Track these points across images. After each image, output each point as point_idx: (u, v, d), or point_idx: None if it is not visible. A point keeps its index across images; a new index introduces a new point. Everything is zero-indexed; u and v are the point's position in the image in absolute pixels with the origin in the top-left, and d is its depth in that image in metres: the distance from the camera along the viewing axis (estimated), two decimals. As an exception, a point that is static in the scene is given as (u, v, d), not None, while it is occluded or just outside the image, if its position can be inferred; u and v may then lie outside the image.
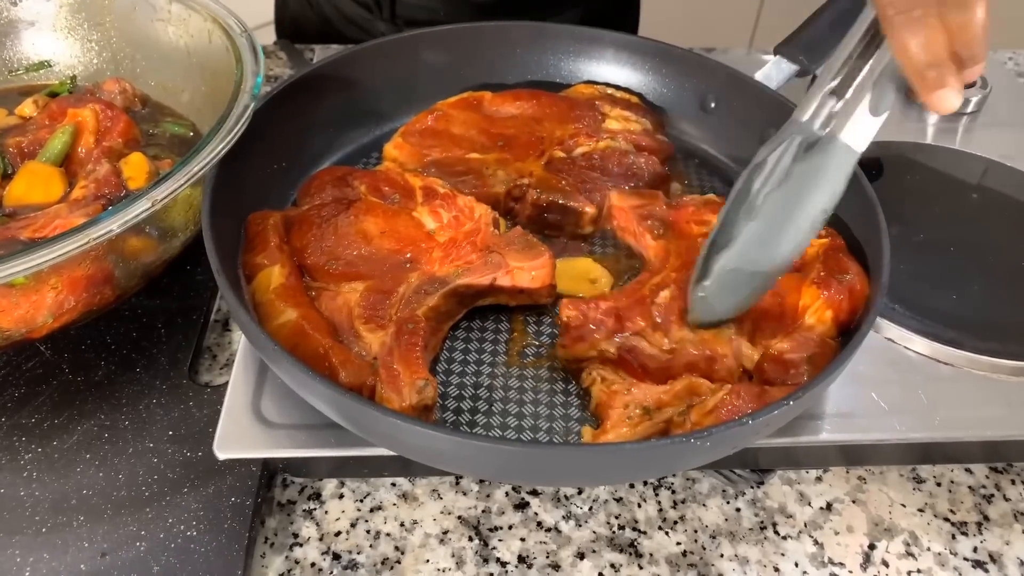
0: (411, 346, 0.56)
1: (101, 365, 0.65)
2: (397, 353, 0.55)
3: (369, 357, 0.56)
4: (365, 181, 0.69)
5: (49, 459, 0.59)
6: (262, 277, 0.60)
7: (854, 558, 0.57)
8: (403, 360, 0.55)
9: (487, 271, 0.62)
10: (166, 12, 0.77)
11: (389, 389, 0.53)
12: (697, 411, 0.53)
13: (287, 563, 0.56)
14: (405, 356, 0.55)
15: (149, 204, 0.54)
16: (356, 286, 0.61)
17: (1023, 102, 0.94)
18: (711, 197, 0.69)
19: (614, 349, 0.58)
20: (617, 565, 0.57)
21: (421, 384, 0.53)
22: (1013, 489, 0.62)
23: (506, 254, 0.63)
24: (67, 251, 0.51)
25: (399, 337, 0.57)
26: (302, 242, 0.64)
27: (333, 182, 0.69)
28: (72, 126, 0.72)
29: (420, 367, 0.55)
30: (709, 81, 0.80)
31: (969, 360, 0.62)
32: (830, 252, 0.61)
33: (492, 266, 0.62)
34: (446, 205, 0.67)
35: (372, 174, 0.70)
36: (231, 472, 0.58)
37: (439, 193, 0.68)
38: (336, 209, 0.66)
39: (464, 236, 0.64)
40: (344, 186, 0.69)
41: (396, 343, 0.56)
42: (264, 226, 0.63)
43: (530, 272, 0.62)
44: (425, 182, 0.69)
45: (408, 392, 0.53)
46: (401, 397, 0.53)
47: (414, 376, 0.54)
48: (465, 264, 0.62)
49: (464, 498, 0.60)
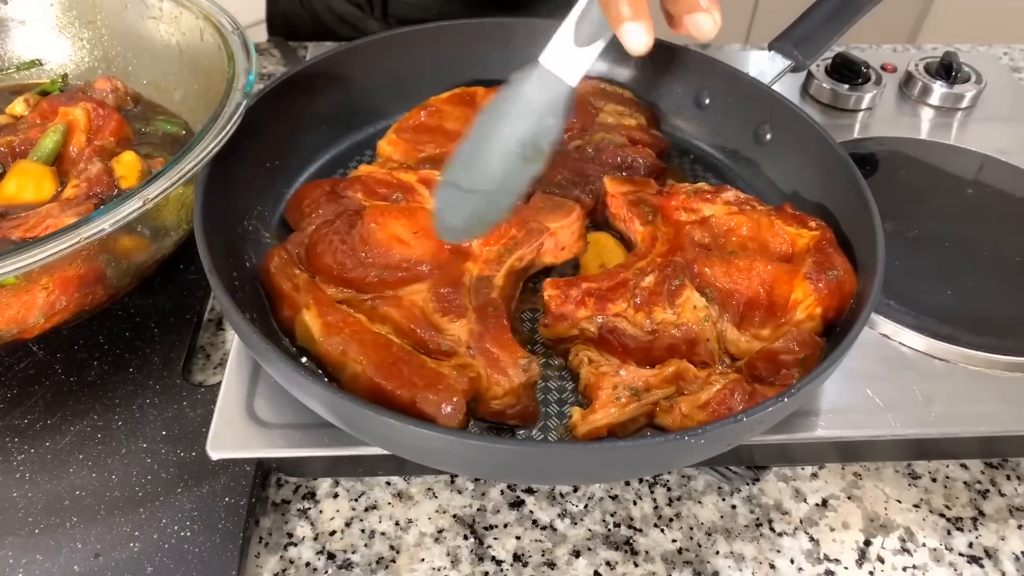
0: (500, 328, 0.57)
1: (94, 365, 0.65)
2: (489, 337, 0.56)
3: (459, 346, 0.57)
4: (358, 188, 0.68)
5: (42, 460, 0.59)
6: (300, 330, 0.58)
7: (850, 554, 0.57)
8: (497, 342, 0.56)
9: (533, 239, 0.63)
10: (157, 10, 0.77)
11: (495, 372, 0.54)
12: (688, 403, 0.53)
13: (282, 563, 0.56)
14: (498, 338, 0.56)
15: (140, 203, 0.54)
16: (417, 287, 0.61)
17: (1018, 97, 0.94)
18: (702, 185, 0.69)
19: (595, 329, 0.59)
20: (613, 563, 0.56)
21: (525, 362, 0.55)
22: (1008, 484, 0.62)
23: (542, 219, 0.64)
24: (58, 251, 0.51)
25: (485, 321, 0.57)
26: (335, 261, 0.62)
27: (326, 197, 0.67)
28: (63, 125, 0.71)
29: (516, 346, 0.56)
30: (703, 77, 0.79)
31: (964, 356, 0.62)
32: (820, 245, 0.61)
33: (536, 233, 0.63)
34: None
35: (358, 180, 0.68)
36: (225, 472, 0.58)
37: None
38: (349, 221, 0.64)
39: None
40: (339, 198, 0.67)
41: (485, 328, 0.57)
42: (269, 275, 0.61)
43: (568, 229, 0.64)
44: (420, 175, 0.69)
45: (515, 372, 0.54)
46: (509, 378, 0.54)
47: (515, 356, 0.55)
48: (510, 240, 0.63)
49: (459, 497, 0.60)
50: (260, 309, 0.61)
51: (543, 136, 0.54)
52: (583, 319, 0.59)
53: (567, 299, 0.60)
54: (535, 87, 0.53)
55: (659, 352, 0.58)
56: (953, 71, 0.91)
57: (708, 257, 0.63)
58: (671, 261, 0.61)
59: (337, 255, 0.62)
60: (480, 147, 0.55)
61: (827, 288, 0.58)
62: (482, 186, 0.55)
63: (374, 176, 0.69)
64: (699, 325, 0.58)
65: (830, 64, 0.91)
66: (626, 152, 0.73)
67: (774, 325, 0.59)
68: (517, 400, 0.54)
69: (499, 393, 0.54)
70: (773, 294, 0.60)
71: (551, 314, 0.60)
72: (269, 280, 0.61)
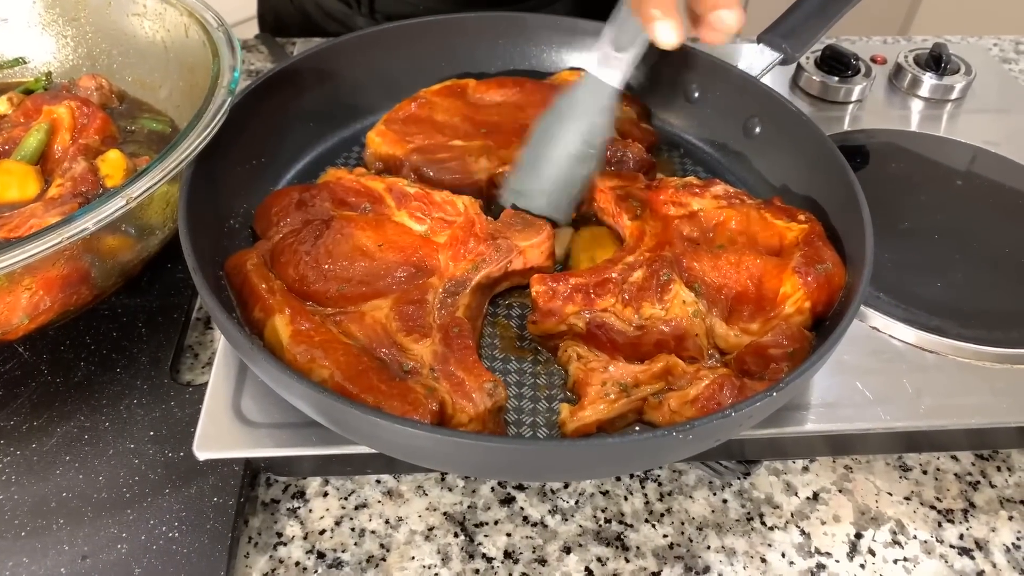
0: (466, 349, 0.55)
1: (81, 366, 0.64)
2: (454, 360, 0.54)
3: (423, 368, 0.55)
4: (326, 196, 0.66)
5: (28, 462, 0.58)
6: (269, 334, 0.57)
7: (841, 547, 0.57)
8: (462, 365, 0.54)
9: (501, 258, 0.62)
10: (141, 6, 0.76)
11: (459, 398, 0.52)
12: (677, 399, 0.53)
13: (271, 562, 0.55)
14: (463, 361, 0.54)
15: (124, 202, 0.53)
16: (379, 303, 0.59)
17: (1007, 88, 0.94)
18: (691, 179, 0.69)
19: (583, 324, 0.59)
20: (604, 559, 0.56)
21: (490, 386, 0.53)
22: (999, 476, 0.62)
23: (511, 237, 0.63)
24: (40, 251, 0.50)
25: (450, 343, 0.56)
26: (298, 272, 0.61)
27: (296, 205, 0.65)
28: (48, 123, 0.71)
29: (481, 369, 0.54)
30: (692, 71, 0.79)
31: (954, 348, 0.62)
32: (809, 238, 0.61)
33: (504, 251, 0.62)
34: (424, 206, 0.65)
35: (326, 187, 0.67)
36: (213, 472, 0.57)
37: (411, 194, 0.66)
38: (316, 231, 0.63)
39: (462, 231, 0.63)
40: (308, 206, 0.65)
41: (449, 350, 0.55)
42: (245, 274, 0.60)
43: (538, 248, 0.63)
44: (386, 183, 0.67)
45: (480, 397, 0.52)
46: (474, 404, 0.52)
47: (480, 380, 0.53)
48: (478, 257, 0.62)
49: (449, 494, 0.59)
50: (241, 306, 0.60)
51: (594, 135, 0.62)
52: (571, 315, 0.59)
53: (555, 295, 0.59)
54: (584, 93, 0.61)
55: (647, 347, 0.58)
56: (942, 63, 0.90)
57: (697, 251, 0.62)
58: (659, 256, 0.61)
59: (300, 266, 0.61)
60: (539, 151, 0.63)
61: (816, 282, 0.58)
62: (545, 186, 0.63)
63: (342, 183, 0.68)
64: (688, 320, 0.58)
65: (819, 56, 0.91)
66: (616, 146, 0.73)
67: (763, 319, 0.59)
68: (483, 426, 0.53)
69: (464, 420, 0.52)
70: (762, 288, 0.60)
71: (539, 310, 0.60)
72: (244, 279, 0.60)
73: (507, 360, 0.60)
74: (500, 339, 0.62)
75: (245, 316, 0.59)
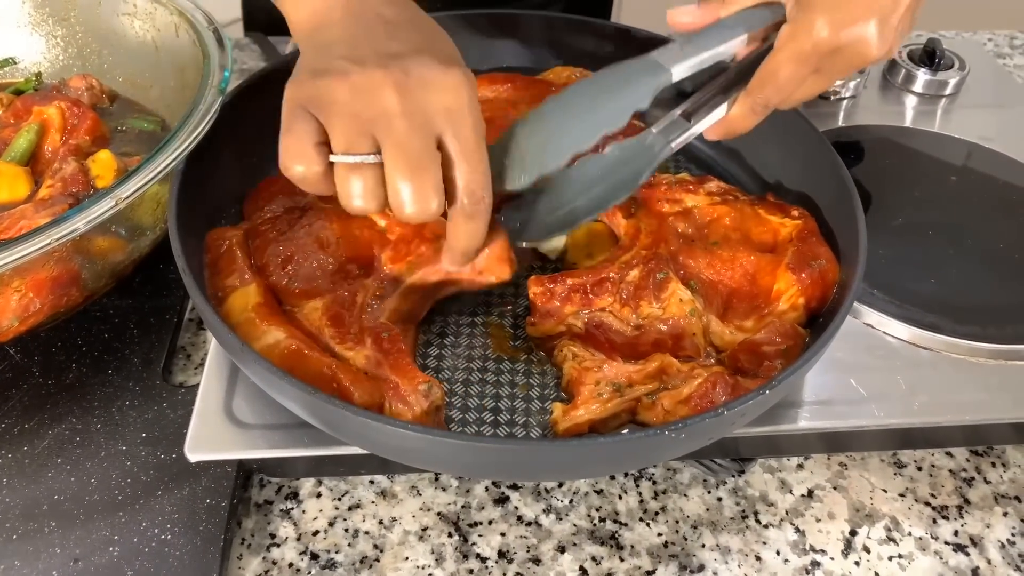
0: (398, 353, 0.54)
1: (72, 367, 0.64)
2: (387, 365, 0.54)
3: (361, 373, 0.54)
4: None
5: (19, 464, 0.58)
6: (236, 298, 0.56)
7: (836, 544, 0.57)
8: (395, 369, 0.53)
9: (438, 261, 0.58)
10: (131, 6, 0.76)
11: (396, 402, 0.52)
12: (670, 399, 0.53)
13: (264, 564, 0.55)
14: (395, 365, 0.54)
15: (113, 203, 0.53)
16: (316, 304, 0.58)
17: (1002, 83, 0.94)
18: (684, 176, 0.68)
19: (581, 324, 0.58)
20: (598, 558, 0.56)
21: (425, 388, 0.52)
22: (994, 472, 0.62)
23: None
24: (30, 252, 0.50)
25: (381, 347, 0.55)
26: (261, 261, 0.60)
27: (283, 190, 0.64)
28: (37, 124, 0.71)
29: (415, 371, 0.54)
30: (686, 67, 0.79)
31: (948, 344, 0.62)
32: (803, 235, 0.61)
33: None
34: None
35: None
36: (206, 473, 0.57)
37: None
38: (290, 220, 0.62)
39: (410, 230, 0.61)
40: (295, 192, 0.64)
41: (382, 355, 0.54)
42: (229, 245, 0.59)
43: (487, 252, 0.57)
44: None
45: (415, 399, 0.52)
46: (410, 407, 0.52)
47: (414, 382, 0.53)
48: (416, 258, 0.59)
49: (443, 494, 0.59)
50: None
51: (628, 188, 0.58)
52: (569, 315, 0.59)
53: (553, 296, 0.59)
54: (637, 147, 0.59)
55: (645, 347, 0.58)
56: (937, 58, 0.90)
57: (692, 249, 0.62)
58: (655, 254, 0.61)
59: (264, 255, 0.60)
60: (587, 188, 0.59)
61: (810, 278, 0.58)
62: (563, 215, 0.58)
63: None
64: (685, 319, 0.58)
65: (813, 52, 0.91)
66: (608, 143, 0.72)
67: (757, 316, 0.59)
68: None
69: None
70: (756, 285, 0.60)
71: (538, 312, 0.59)
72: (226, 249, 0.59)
73: (500, 360, 0.60)
74: (492, 339, 0.62)
75: (214, 282, 0.58)
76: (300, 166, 0.47)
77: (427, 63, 0.47)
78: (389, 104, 0.45)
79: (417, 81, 0.46)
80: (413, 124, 0.46)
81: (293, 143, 0.47)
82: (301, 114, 0.47)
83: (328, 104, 0.46)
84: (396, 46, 0.48)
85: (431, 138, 0.46)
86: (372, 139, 0.46)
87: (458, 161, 0.47)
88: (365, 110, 0.46)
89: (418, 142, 0.46)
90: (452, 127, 0.47)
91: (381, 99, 0.45)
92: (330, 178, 0.48)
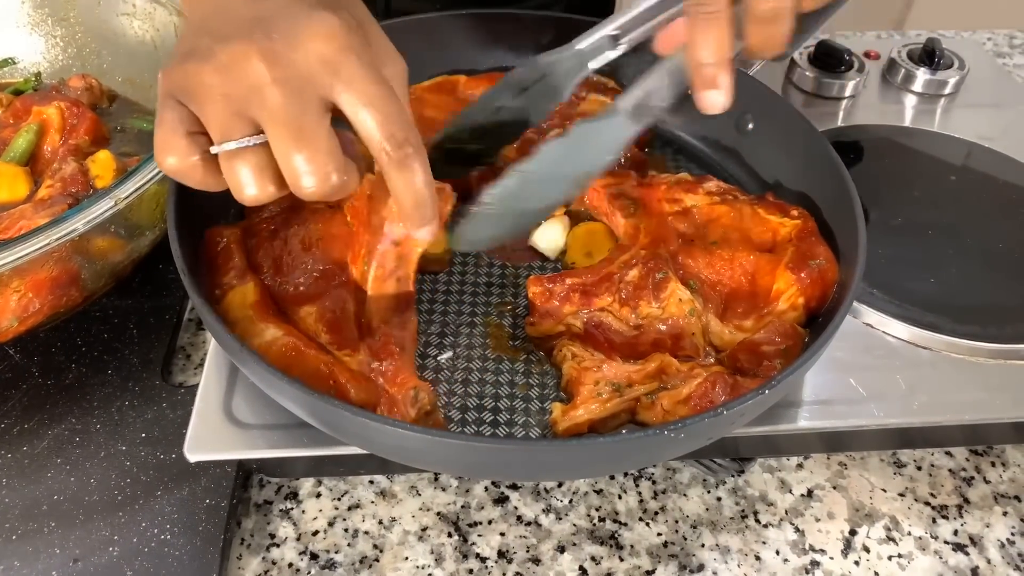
0: (389, 357, 0.54)
1: (72, 368, 0.64)
2: (379, 372, 0.54)
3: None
4: None
5: (19, 464, 0.58)
6: (234, 295, 0.56)
7: (835, 544, 0.57)
8: (385, 377, 0.53)
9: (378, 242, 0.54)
10: (131, 6, 0.76)
11: (387, 410, 0.52)
12: (670, 399, 0.53)
13: (264, 564, 0.55)
14: (386, 372, 0.53)
15: (112, 203, 0.53)
16: (309, 310, 0.57)
17: (1001, 83, 0.94)
18: (684, 175, 0.68)
19: (581, 324, 0.58)
20: (598, 558, 0.56)
21: (412, 394, 0.52)
22: (993, 471, 0.62)
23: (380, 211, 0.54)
24: (29, 252, 0.50)
25: (373, 355, 0.55)
26: (255, 261, 0.59)
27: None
28: (37, 124, 0.71)
29: (406, 376, 0.53)
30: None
31: (948, 344, 0.62)
32: (802, 235, 0.61)
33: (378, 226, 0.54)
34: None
35: None
36: (205, 473, 0.57)
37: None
38: (285, 219, 0.61)
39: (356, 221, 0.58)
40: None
41: (376, 361, 0.54)
42: (226, 243, 0.59)
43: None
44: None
45: (404, 407, 0.52)
46: (402, 414, 0.52)
47: (403, 388, 0.52)
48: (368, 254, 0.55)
49: (443, 494, 0.59)
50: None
51: (598, 167, 0.58)
52: (569, 315, 0.59)
53: (552, 295, 0.59)
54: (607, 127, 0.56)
55: (645, 346, 0.58)
56: (936, 57, 0.90)
57: (691, 248, 0.62)
58: (655, 254, 0.61)
59: (259, 255, 0.59)
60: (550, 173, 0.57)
61: (809, 278, 0.58)
62: (530, 207, 0.58)
63: None
64: (684, 319, 0.58)
65: (813, 52, 0.91)
66: None
67: (757, 316, 0.59)
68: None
69: None
70: (756, 284, 0.60)
71: (537, 312, 0.59)
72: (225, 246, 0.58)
73: (499, 360, 0.60)
74: (492, 339, 0.62)
75: (212, 280, 0.57)
76: (172, 158, 0.43)
77: (292, 16, 0.42)
78: (258, 75, 0.41)
79: (283, 41, 0.41)
80: (288, 89, 0.41)
81: (164, 136, 0.43)
82: (170, 104, 0.43)
83: (196, 90, 0.42)
84: (263, 7, 0.43)
85: (313, 100, 0.42)
86: (249, 119, 0.42)
87: (360, 111, 0.42)
88: (235, 89, 0.41)
89: (296, 107, 0.41)
90: (336, 77, 0.41)
91: (248, 72, 0.41)
92: (210, 169, 0.44)
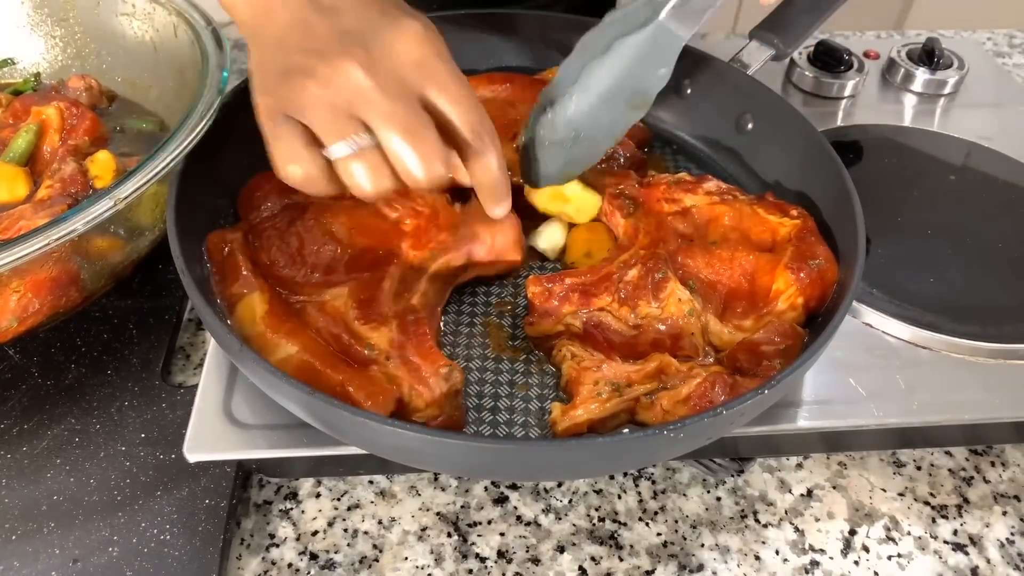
0: (421, 336, 0.56)
1: (71, 368, 0.64)
2: (410, 347, 0.55)
3: (379, 355, 0.55)
4: None
5: (19, 465, 0.58)
6: (244, 308, 0.56)
7: (835, 544, 0.57)
8: (418, 351, 0.54)
9: (461, 245, 0.62)
10: (130, 6, 0.76)
11: (416, 383, 0.53)
12: (669, 398, 0.53)
13: (263, 564, 0.55)
14: (419, 347, 0.55)
15: (112, 203, 0.53)
16: (339, 291, 0.59)
17: (1001, 82, 0.94)
18: (683, 176, 0.68)
19: (580, 324, 0.58)
20: (597, 557, 0.56)
21: (446, 371, 0.53)
22: (993, 471, 0.62)
23: (473, 226, 0.62)
24: (26, 253, 0.50)
25: (406, 330, 0.56)
26: (269, 257, 0.60)
27: (279, 190, 0.64)
28: (36, 125, 0.71)
29: (437, 354, 0.55)
30: (684, 66, 0.78)
31: (947, 344, 0.62)
32: (802, 234, 0.61)
33: (465, 240, 0.62)
34: (397, 196, 0.64)
35: None
36: (205, 474, 0.57)
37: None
38: (292, 216, 0.62)
39: (426, 220, 0.63)
40: (291, 191, 0.63)
41: (406, 337, 0.55)
42: (230, 250, 0.59)
43: (503, 236, 0.62)
44: None
45: (436, 382, 0.53)
46: (430, 389, 0.52)
47: (436, 364, 0.54)
48: (438, 245, 0.61)
49: (443, 494, 0.59)
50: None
51: (653, 85, 0.57)
52: (568, 315, 0.59)
53: (551, 295, 0.59)
54: (649, 40, 0.55)
55: (644, 346, 0.58)
56: (935, 57, 0.90)
57: (690, 248, 0.62)
58: (654, 254, 0.61)
59: (272, 251, 0.61)
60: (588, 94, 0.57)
61: (809, 278, 0.58)
62: (586, 131, 0.58)
63: None
64: (684, 319, 0.58)
65: (812, 52, 0.91)
66: None
67: (756, 316, 0.59)
68: (440, 411, 0.53)
69: (421, 405, 0.52)
70: (755, 284, 0.60)
71: (536, 311, 0.59)
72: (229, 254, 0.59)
73: (499, 360, 0.60)
74: (491, 339, 0.62)
75: (220, 290, 0.58)
76: (298, 168, 0.48)
77: (380, 26, 0.48)
78: (361, 83, 0.46)
79: (379, 50, 0.47)
80: (391, 93, 0.46)
81: (284, 149, 0.48)
82: (282, 120, 0.48)
83: (304, 104, 0.47)
84: (346, 21, 0.48)
85: (413, 99, 0.47)
86: (358, 121, 0.47)
87: (448, 108, 0.49)
88: (341, 97, 0.46)
89: (402, 107, 0.46)
90: (429, 79, 0.48)
91: (352, 82, 0.46)
92: (330, 175, 0.49)
